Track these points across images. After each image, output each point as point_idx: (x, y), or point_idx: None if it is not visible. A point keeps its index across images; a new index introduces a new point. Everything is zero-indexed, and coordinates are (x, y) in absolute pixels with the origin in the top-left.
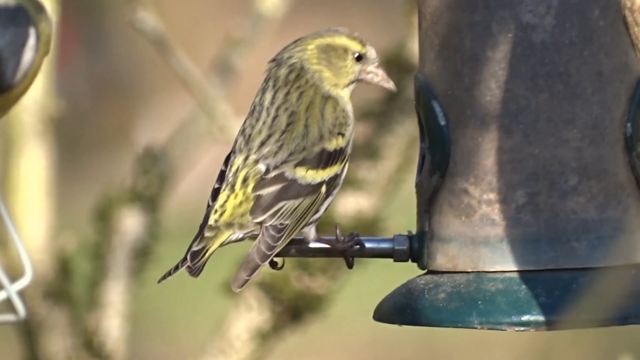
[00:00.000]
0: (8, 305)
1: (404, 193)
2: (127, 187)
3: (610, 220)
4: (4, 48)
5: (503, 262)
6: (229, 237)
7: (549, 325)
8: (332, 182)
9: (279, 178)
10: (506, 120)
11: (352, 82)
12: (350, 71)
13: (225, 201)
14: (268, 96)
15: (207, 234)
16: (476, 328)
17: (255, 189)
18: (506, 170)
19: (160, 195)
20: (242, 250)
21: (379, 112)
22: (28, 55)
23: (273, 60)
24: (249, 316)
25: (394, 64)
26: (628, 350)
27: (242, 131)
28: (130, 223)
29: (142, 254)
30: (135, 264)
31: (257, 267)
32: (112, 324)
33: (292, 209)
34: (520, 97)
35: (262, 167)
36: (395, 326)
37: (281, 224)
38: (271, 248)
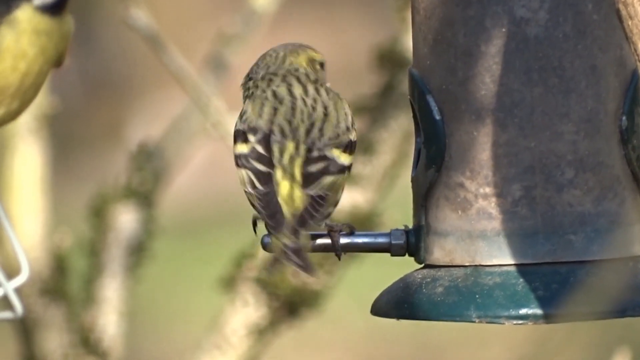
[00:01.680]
0: (5, 302)
1: (399, 188)
2: (121, 184)
3: (607, 213)
4: None
5: (500, 256)
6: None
7: (547, 318)
8: (349, 170)
9: (322, 158)
10: (501, 114)
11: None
12: (321, 78)
13: (291, 191)
14: (298, 90)
15: (293, 226)
16: (474, 322)
17: (303, 167)
18: (502, 163)
19: (155, 192)
20: (238, 246)
21: (373, 107)
22: None
23: (249, 76)
24: (245, 311)
25: (387, 58)
26: (625, 343)
27: (285, 119)
28: (125, 220)
29: (137, 251)
30: (131, 260)
31: (307, 224)
32: (109, 321)
33: (331, 183)
34: (514, 91)
35: (308, 150)
36: (392, 321)
37: (325, 193)
38: (318, 212)
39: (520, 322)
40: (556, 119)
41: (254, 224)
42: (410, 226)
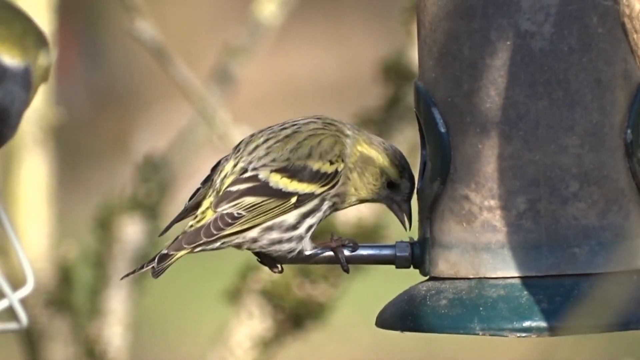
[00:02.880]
0: (10, 313)
1: None
2: (127, 196)
3: (611, 226)
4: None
5: (504, 268)
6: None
7: (551, 331)
8: (305, 199)
9: (252, 178)
10: (506, 127)
11: (372, 200)
12: (376, 191)
13: (208, 207)
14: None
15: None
16: (478, 334)
17: (228, 185)
18: (507, 176)
19: (161, 203)
20: (244, 258)
21: (379, 120)
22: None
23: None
24: (250, 324)
25: (392, 71)
26: (630, 356)
27: (244, 139)
28: (131, 231)
29: (143, 262)
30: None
31: (198, 243)
32: (114, 332)
33: (253, 205)
34: (519, 104)
35: (243, 169)
36: (397, 333)
37: (238, 213)
38: (219, 229)
39: (523, 334)
40: (561, 132)
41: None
42: (416, 239)
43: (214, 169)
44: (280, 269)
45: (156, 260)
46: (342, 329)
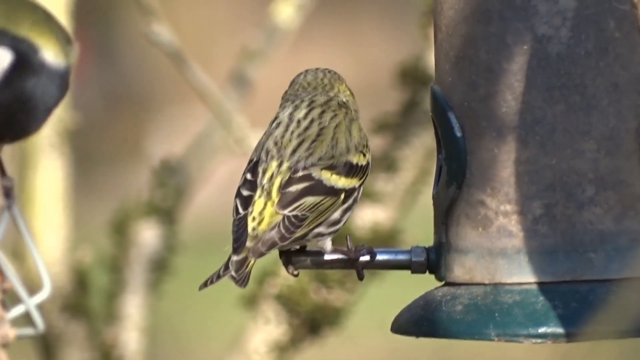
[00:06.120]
0: (26, 318)
1: (421, 205)
2: (143, 200)
3: (627, 232)
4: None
5: (520, 274)
6: None
7: (567, 337)
8: (350, 194)
9: (306, 177)
10: (522, 132)
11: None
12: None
13: (263, 209)
14: (301, 112)
15: (249, 243)
16: (493, 340)
17: (283, 187)
18: (523, 181)
19: (177, 208)
20: (260, 264)
21: (396, 125)
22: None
23: (296, 83)
24: (266, 329)
25: (409, 75)
26: None
27: (273, 141)
28: (147, 235)
29: (159, 267)
30: (153, 276)
31: (274, 244)
32: (130, 337)
33: (314, 204)
34: (536, 108)
35: (293, 169)
36: (413, 339)
37: (303, 215)
38: (291, 232)
39: (539, 340)
40: (577, 136)
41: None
42: (432, 243)
43: (253, 171)
44: (296, 273)
45: (232, 267)
46: (358, 334)
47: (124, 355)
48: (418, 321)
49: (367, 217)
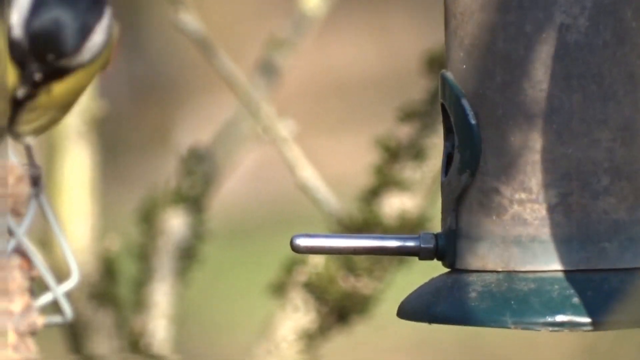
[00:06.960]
0: (54, 307)
1: None
2: (171, 188)
3: None
4: (73, 19)
5: (534, 262)
6: None
7: (584, 325)
8: None
9: None
10: (539, 120)
11: None
12: None
13: None
14: None
15: None
16: (509, 328)
17: None
18: (538, 170)
19: (205, 196)
20: (289, 251)
21: (423, 112)
22: (99, 36)
23: None
24: (294, 317)
25: (437, 63)
26: None
27: None
28: (175, 224)
29: (187, 255)
30: (181, 264)
31: None
32: (158, 325)
33: None
34: (553, 97)
35: None
36: (441, 327)
37: None
38: None
39: (556, 329)
40: (594, 125)
41: None
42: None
43: None
44: None
45: None
46: (386, 322)
47: (152, 343)
48: (429, 307)
49: (395, 205)
